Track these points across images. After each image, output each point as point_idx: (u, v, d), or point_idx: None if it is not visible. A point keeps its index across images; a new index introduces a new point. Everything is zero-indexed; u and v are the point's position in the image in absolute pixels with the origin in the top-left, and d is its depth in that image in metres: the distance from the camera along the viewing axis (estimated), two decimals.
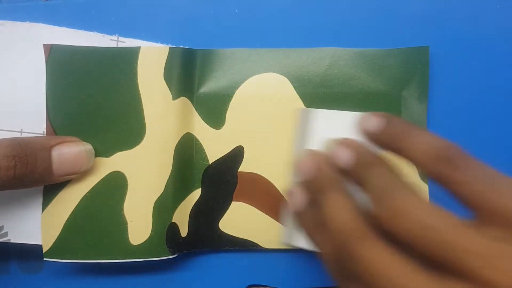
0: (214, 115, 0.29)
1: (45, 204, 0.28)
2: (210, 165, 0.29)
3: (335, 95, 0.29)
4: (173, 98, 0.28)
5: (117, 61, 0.28)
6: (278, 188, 0.29)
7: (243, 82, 0.29)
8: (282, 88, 0.29)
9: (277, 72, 0.29)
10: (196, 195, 0.29)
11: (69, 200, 0.28)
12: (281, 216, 0.29)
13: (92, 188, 0.28)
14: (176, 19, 0.30)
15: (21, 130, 0.28)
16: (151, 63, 0.28)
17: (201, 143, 0.29)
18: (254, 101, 0.29)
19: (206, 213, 0.29)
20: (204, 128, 0.29)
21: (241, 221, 0.29)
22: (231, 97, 0.29)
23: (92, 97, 0.28)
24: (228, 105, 0.29)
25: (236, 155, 0.29)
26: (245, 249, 0.29)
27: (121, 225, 0.28)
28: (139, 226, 0.28)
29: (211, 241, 0.29)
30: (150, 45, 0.29)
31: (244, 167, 0.29)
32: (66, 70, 0.28)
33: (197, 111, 0.29)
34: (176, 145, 0.28)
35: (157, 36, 0.29)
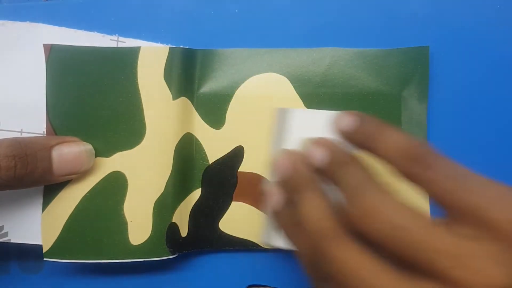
0: (214, 115, 0.29)
1: (45, 204, 0.28)
2: (210, 165, 0.29)
3: (335, 95, 0.29)
4: (173, 98, 0.28)
5: (117, 61, 0.28)
6: None
7: (243, 82, 0.29)
8: (282, 88, 0.29)
9: (277, 72, 0.29)
10: (196, 195, 0.29)
11: (69, 200, 0.28)
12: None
13: (92, 188, 0.28)
14: (176, 19, 0.30)
15: (21, 130, 0.28)
16: (151, 63, 0.28)
17: (201, 143, 0.29)
18: (254, 101, 0.29)
19: (206, 213, 0.29)
20: (204, 128, 0.29)
21: (241, 221, 0.29)
22: (231, 97, 0.29)
23: (92, 97, 0.28)
24: (228, 105, 0.29)
25: (236, 155, 0.29)
26: (245, 249, 0.29)
27: (121, 225, 0.28)
28: (139, 226, 0.28)
29: (211, 241, 0.29)
30: (150, 45, 0.29)
31: (244, 167, 0.29)
32: (66, 70, 0.28)
33: (197, 111, 0.29)
34: (176, 145, 0.28)
35: (157, 36, 0.29)
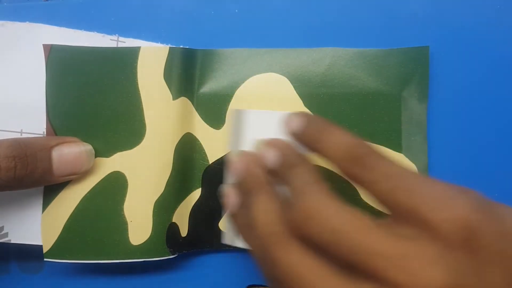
0: (214, 115, 0.29)
1: (46, 204, 0.28)
2: (210, 165, 0.29)
3: (335, 95, 0.29)
4: (173, 98, 0.28)
5: (117, 61, 0.28)
6: None
7: (243, 82, 0.29)
8: (282, 88, 0.29)
9: (277, 72, 0.29)
10: (196, 195, 0.29)
11: (69, 200, 0.28)
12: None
13: (92, 189, 0.28)
14: (176, 19, 0.30)
15: (21, 130, 0.28)
16: (151, 63, 0.28)
17: (201, 143, 0.29)
18: (254, 101, 0.29)
19: (206, 213, 0.29)
20: (204, 128, 0.29)
21: None
22: (231, 97, 0.29)
23: (92, 97, 0.28)
24: (228, 105, 0.29)
25: None
26: (245, 249, 0.29)
27: (121, 225, 0.28)
28: (139, 226, 0.28)
29: (211, 241, 0.29)
30: (150, 45, 0.29)
31: None
32: (66, 70, 0.28)
33: (197, 111, 0.29)
34: (176, 145, 0.28)
35: (157, 36, 0.29)
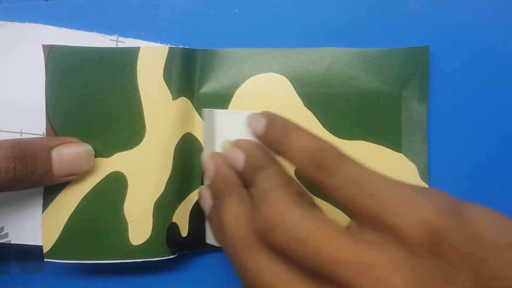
0: None
1: (45, 205, 0.28)
2: None
3: (335, 95, 0.29)
4: (172, 98, 0.28)
5: (117, 61, 0.28)
6: None
7: (243, 82, 0.29)
8: (282, 88, 0.29)
9: (277, 72, 0.29)
10: (196, 195, 0.29)
11: (69, 200, 0.28)
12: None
13: (92, 189, 0.28)
14: (176, 19, 0.30)
15: (21, 131, 0.28)
16: (151, 63, 0.28)
17: (201, 143, 0.29)
18: (254, 101, 0.29)
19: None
20: None
21: None
22: (231, 97, 0.29)
23: (92, 98, 0.28)
24: (228, 105, 0.29)
25: None
26: None
27: (122, 225, 0.28)
28: (139, 226, 0.28)
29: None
30: (150, 45, 0.29)
31: None
32: (66, 71, 0.28)
33: (198, 111, 0.29)
34: (176, 145, 0.28)
35: (157, 36, 0.29)
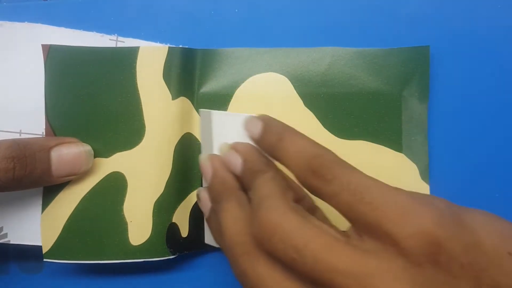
0: None
1: (45, 205, 0.28)
2: None
3: (335, 95, 0.29)
4: (172, 98, 0.28)
5: (116, 61, 0.28)
6: None
7: (243, 82, 0.29)
8: (282, 88, 0.29)
9: (277, 72, 0.29)
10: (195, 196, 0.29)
11: (68, 201, 0.28)
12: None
13: (91, 189, 0.28)
14: (176, 19, 0.30)
15: (20, 131, 0.28)
16: (150, 63, 0.28)
17: (201, 143, 0.29)
18: (254, 101, 0.29)
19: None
20: None
21: None
22: (231, 97, 0.29)
23: (91, 98, 0.28)
24: (228, 105, 0.29)
25: None
26: None
27: (121, 225, 0.28)
28: (139, 226, 0.28)
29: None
30: (150, 45, 0.29)
31: None
32: (65, 71, 0.28)
33: (197, 111, 0.29)
34: (176, 145, 0.28)
35: (156, 36, 0.29)
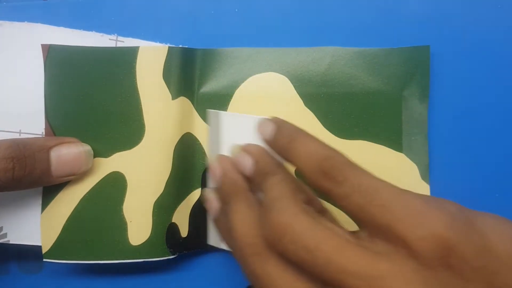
0: None
1: (45, 205, 0.28)
2: None
3: (336, 95, 0.29)
4: (172, 98, 0.28)
5: (116, 60, 0.28)
6: None
7: (243, 82, 0.29)
8: (282, 88, 0.29)
9: (277, 72, 0.29)
10: (196, 195, 0.29)
11: (68, 201, 0.28)
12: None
13: (91, 189, 0.28)
14: (176, 19, 0.30)
15: (20, 131, 0.28)
16: (150, 63, 0.28)
17: (201, 143, 0.29)
18: (254, 100, 0.29)
19: (206, 213, 0.29)
20: (204, 128, 0.29)
21: None
22: (231, 97, 0.29)
23: (91, 97, 0.28)
24: (228, 105, 0.29)
25: None
26: None
27: (121, 225, 0.28)
28: (139, 226, 0.28)
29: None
30: (149, 44, 0.29)
31: None
32: (65, 70, 0.28)
33: (197, 111, 0.29)
34: (176, 145, 0.28)
35: (156, 35, 0.29)
